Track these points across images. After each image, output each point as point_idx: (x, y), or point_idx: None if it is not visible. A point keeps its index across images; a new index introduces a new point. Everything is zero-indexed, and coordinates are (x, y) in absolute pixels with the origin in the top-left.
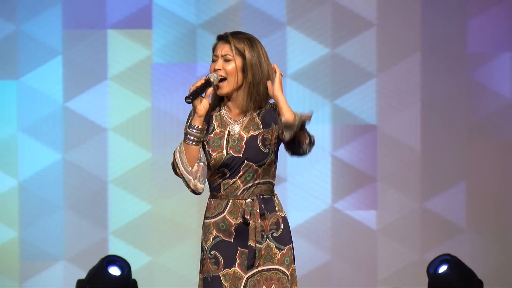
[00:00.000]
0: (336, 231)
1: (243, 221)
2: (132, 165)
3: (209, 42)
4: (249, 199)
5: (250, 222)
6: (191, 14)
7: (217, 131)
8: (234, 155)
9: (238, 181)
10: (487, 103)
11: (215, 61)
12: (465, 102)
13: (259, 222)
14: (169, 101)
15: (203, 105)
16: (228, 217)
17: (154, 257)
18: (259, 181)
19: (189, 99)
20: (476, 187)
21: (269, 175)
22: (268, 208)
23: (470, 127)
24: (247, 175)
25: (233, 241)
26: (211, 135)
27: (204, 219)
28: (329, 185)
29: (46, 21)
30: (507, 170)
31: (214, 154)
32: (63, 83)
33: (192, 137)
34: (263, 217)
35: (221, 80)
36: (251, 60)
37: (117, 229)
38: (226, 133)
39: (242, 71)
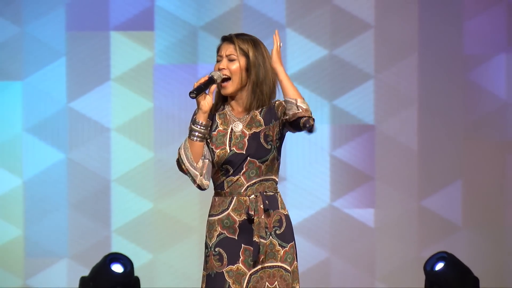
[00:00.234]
0: (334, 229)
1: (247, 218)
2: (134, 164)
3: (210, 43)
4: (253, 196)
5: (254, 218)
6: (193, 16)
7: (220, 128)
8: (237, 152)
9: (241, 177)
10: (483, 104)
11: (219, 61)
12: (461, 102)
13: (263, 218)
14: (171, 101)
15: (206, 101)
16: (232, 214)
17: (156, 254)
18: (262, 178)
19: (193, 94)
20: (472, 186)
21: (272, 172)
22: (271, 205)
23: (466, 127)
24: (250, 172)
25: (237, 238)
26: (214, 133)
27: (208, 216)
28: (328, 184)
29: (50, 23)
30: (502, 169)
31: (217, 151)
32: (66, 83)
33: (196, 133)
34: (267, 213)
35: (225, 79)
36: (255, 60)
37: (120, 227)
38: (229, 130)
39: (246, 71)
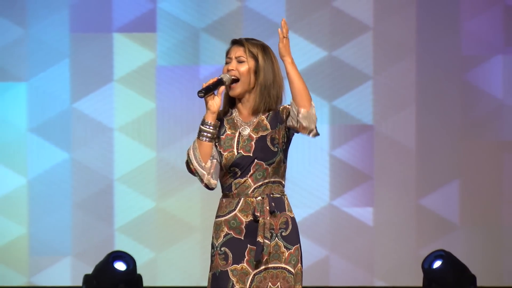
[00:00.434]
0: (334, 227)
1: (253, 219)
2: (137, 164)
3: (211, 45)
4: (260, 197)
5: (259, 219)
6: (194, 18)
7: (228, 132)
8: (244, 155)
9: (249, 179)
10: (480, 104)
11: (228, 63)
12: (459, 103)
13: (268, 219)
14: (173, 102)
15: (215, 102)
16: (239, 215)
17: (158, 252)
18: (269, 180)
19: (202, 93)
20: (469, 185)
21: (278, 174)
22: (278, 207)
23: (463, 127)
24: (257, 174)
25: (243, 238)
26: (222, 137)
27: (215, 218)
28: (327, 183)
29: (54, 25)
30: (499, 169)
31: (225, 153)
32: (70, 84)
33: (205, 133)
34: (273, 214)
35: (234, 81)
36: (264, 63)
37: (123, 225)
38: (236, 134)
39: (254, 73)
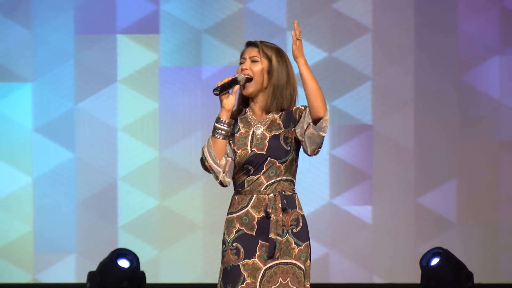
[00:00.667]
0: (333, 225)
1: (265, 215)
2: (140, 163)
3: (213, 46)
4: (272, 194)
5: (272, 215)
6: (197, 20)
7: (242, 131)
8: (257, 153)
9: (261, 177)
10: (477, 104)
11: (242, 63)
12: (456, 103)
13: (281, 216)
14: (175, 102)
15: (229, 100)
16: (251, 211)
17: (161, 250)
18: (281, 178)
19: (217, 91)
20: (466, 184)
21: (290, 172)
22: (289, 204)
23: (461, 127)
24: (270, 172)
25: (255, 234)
26: (236, 135)
27: (227, 215)
28: (327, 182)
29: (59, 27)
30: (496, 167)
31: (239, 151)
32: (75, 85)
33: (220, 131)
34: (285, 211)
35: (247, 80)
36: (277, 64)
37: (126, 223)
38: (250, 133)
39: (267, 73)
